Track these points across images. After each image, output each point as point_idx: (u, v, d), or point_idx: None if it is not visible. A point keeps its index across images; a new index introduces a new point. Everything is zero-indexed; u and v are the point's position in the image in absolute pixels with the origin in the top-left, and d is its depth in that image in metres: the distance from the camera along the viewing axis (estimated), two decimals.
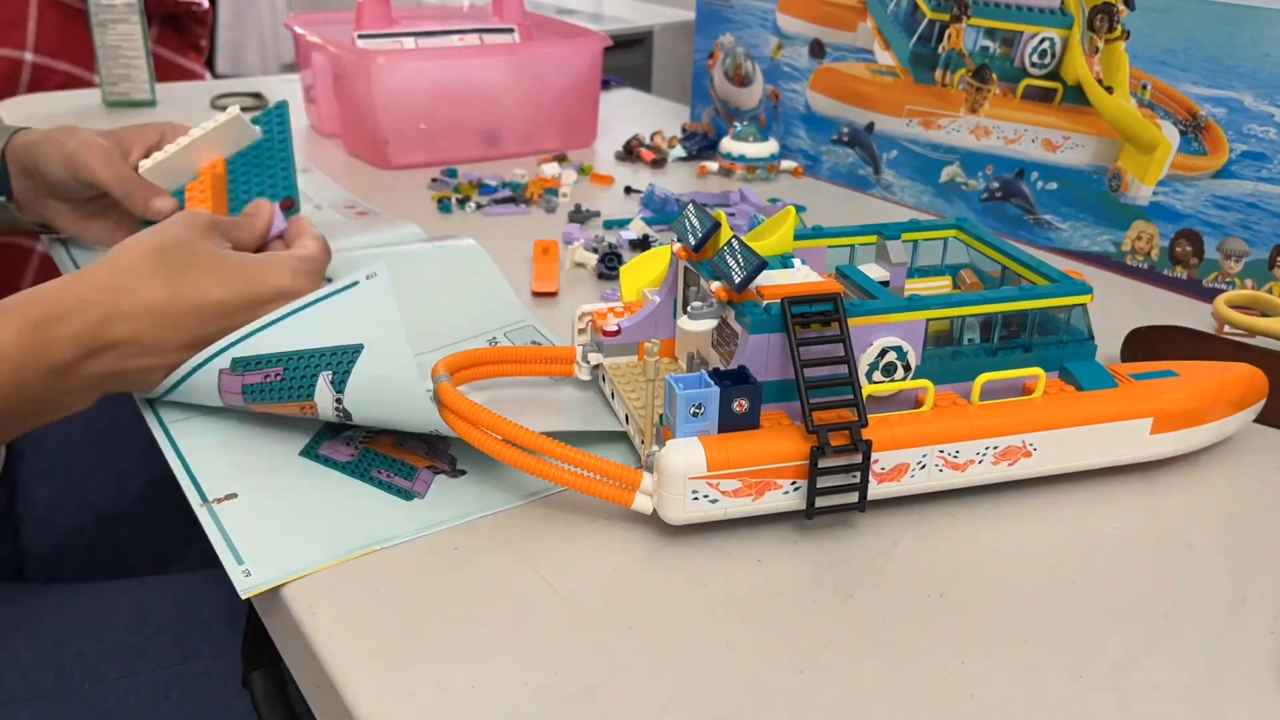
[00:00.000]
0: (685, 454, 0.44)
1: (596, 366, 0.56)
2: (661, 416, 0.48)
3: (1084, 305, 0.52)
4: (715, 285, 0.49)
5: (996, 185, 0.88)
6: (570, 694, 0.38)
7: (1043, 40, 0.83)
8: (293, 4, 3.42)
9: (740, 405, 0.45)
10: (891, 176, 0.97)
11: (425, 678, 0.39)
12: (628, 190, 0.98)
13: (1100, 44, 0.79)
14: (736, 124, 1.05)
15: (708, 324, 0.50)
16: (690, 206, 0.53)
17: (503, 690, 0.38)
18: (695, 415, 0.45)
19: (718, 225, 0.51)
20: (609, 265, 0.76)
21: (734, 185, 1.01)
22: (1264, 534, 0.49)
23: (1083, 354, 0.53)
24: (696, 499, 0.45)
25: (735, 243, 0.49)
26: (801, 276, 0.50)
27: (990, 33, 0.86)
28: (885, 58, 0.95)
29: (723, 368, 0.49)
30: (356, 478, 0.51)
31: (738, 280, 0.47)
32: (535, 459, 0.46)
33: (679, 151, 1.08)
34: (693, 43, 1.15)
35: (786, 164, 1.04)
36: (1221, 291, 0.74)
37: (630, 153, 1.07)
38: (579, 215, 0.88)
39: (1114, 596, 0.44)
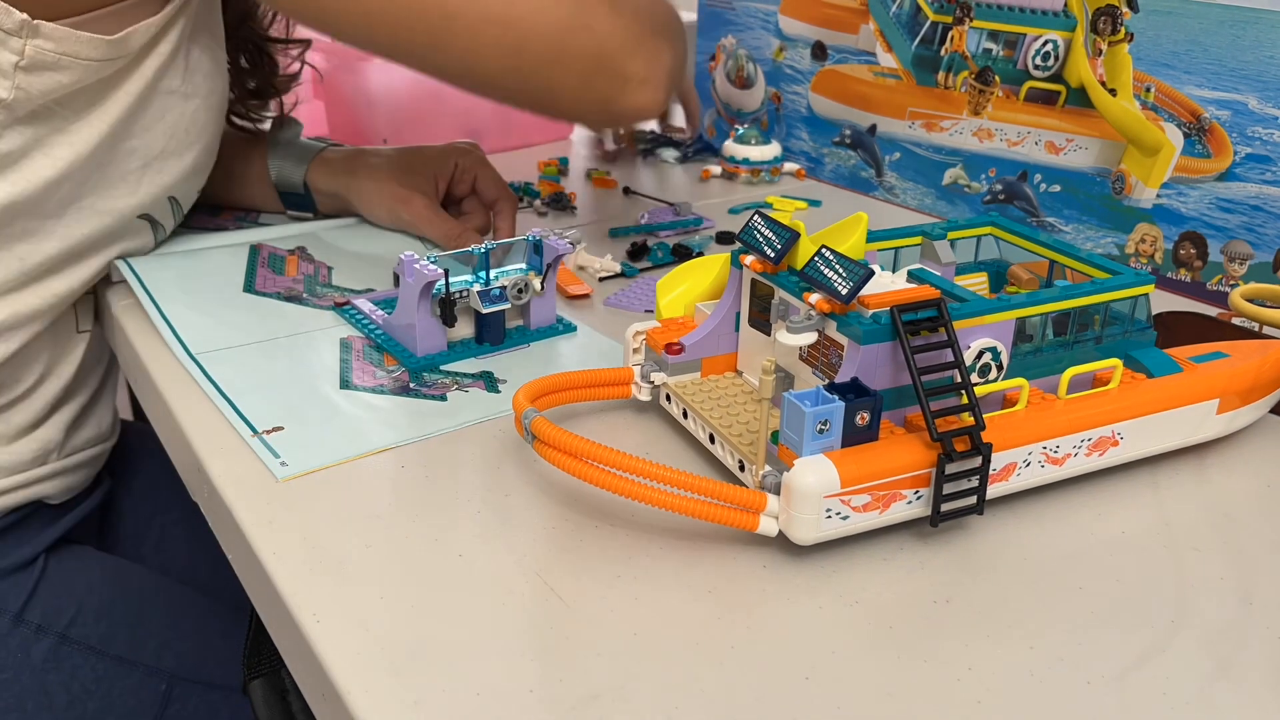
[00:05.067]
0: (818, 472, 0.43)
1: (658, 386, 0.55)
2: (774, 435, 0.46)
3: (1147, 295, 0.53)
4: (816, 297, 0.48)
5: (999, 188, 0.88)
6: (575, 701, 0.38)
7: (1046, 42, 0.83)
8: None
9: (863, 418, 0.44)
10: (894, 179, 0.97)
11: (430, 684, 0.39)
12: (627, 191, 0.97)
13: (1104, 46, 0.79)
14: (738, 127, 1.05)
15: (809, 337, 0.48)
16: (758, 218, 0.52)
17: (508, 697, 0.38)
18: (822, 432, 0.44)
19: (797, 236, 0.50)
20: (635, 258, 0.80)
21: (738, 189, 1.01)
22: (1270, 538, 0.49)
23: (1144, 341, 0.54)
24: (830, 517, 0.44)
25: (829, 253, 0.48)
26: (887, 283, 0.49)
27: (993, 35, 0.86)
28: (888, 60, 0.95)
29: (820, 381, 0.49)
30: (391, 394, 0.58)
31: (845, 291, 0.46)
32: (646, 486, 0.44)
33: (673, 153, 1.08)
34: (694, 44, 1.15)
35: (789, 166, 1.04)
36: (1225, 294, 0.73)
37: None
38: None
39: (1120, 600, 0.44)
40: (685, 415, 0.53)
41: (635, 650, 0.41)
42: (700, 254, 0.82)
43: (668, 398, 0.55)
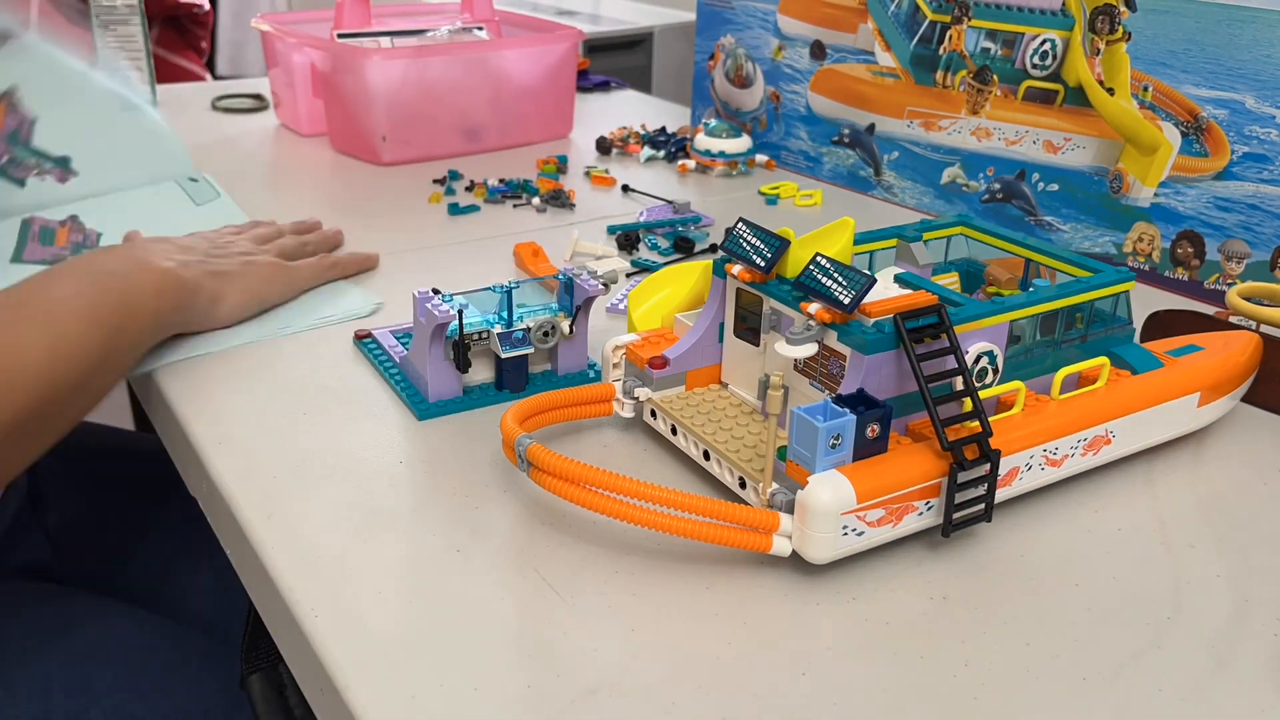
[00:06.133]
0: (833, 489, 0.42)
1: (643, 403, 0.53)
2: (781, 451, 0.45)
3: (1128, 292, 0.54)
4: (815, 307, 0.46)
5: (998, 187, 0.88)
6: (573, 696, 0.38)
7: (1044, 42, 0.83)
8: (294, 6, 3.42)
9: (873, 430, 0.43)
10: (892, 178, 0.97)
11: (427, 679, 0.39)
12: (625, 189, 0.98)
13: (1101, 45, 0.79)
14: (706, 121, 1.05)
15: (809, 349, 0.47)
16: (743, 226, 0.51)
17: (505, 692, 0.38)
18: (834, 447, 0.43)
19: (787, 244, 0.49)
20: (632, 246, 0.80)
21: (713, 182, 1.01)
22: (1266, 535, 0.49)
23: (1125, 338, 0.55)
24: (846, 534, 0.43)
25: (824, 260, 0.47)
26: (879, 289, 0.48)
27: (991, 34, 0.86)
28: (886, 59, 0.95)
29: (819, 392, 0.48)
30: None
31: (847, 301, 0.45)
32: (652, 512, 0.43)
33: (648, 152, 1.09)
34: (693, 44, 1.15)
35: (760, 158, 1.06)
36: (1223, 293, 0.74)
37: (607, 152, 1.10)
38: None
39: (1116, 598, 0.44)
40: (674, 431, 0.52)
41: (632, 646, 0.41)
42: (718, 247, 0.82)
43: (653, 414, 0.53)
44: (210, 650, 0.70)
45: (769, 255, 0.49)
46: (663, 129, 1.16)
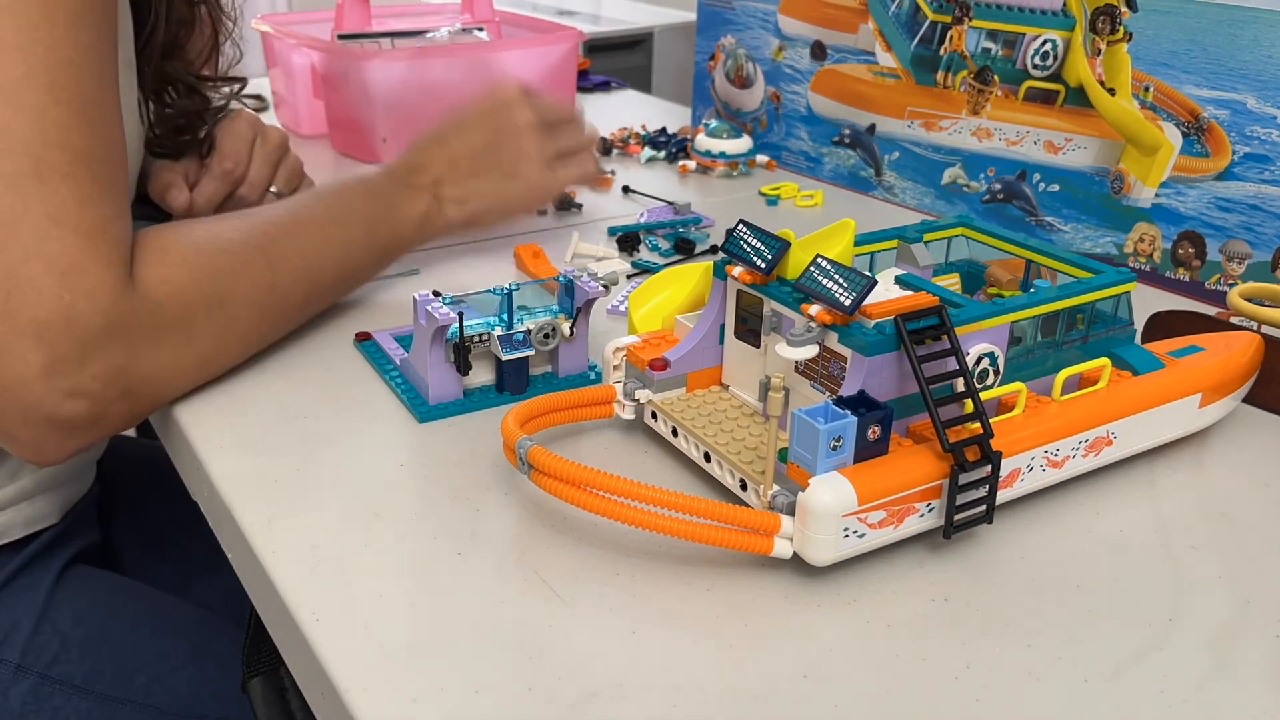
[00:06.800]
0: (834, 491, 0.42)
1: (643, 404, 0.54)
2: (782, 453, 0.45)
3: (1129, 292, 0.54)
4: (816, 309, 0.47)
5: (998, 187, 0.88)
6: (574, 699, 0.38)
7: (1045, 42, 0.83)
8: (294, 6, 3.42)
9: (874, 432, 0.43)
10: (893, 178, 0.97)
11: (429, 682, 0.39)
12: (626, 190, 0.98)
13: (1102, 46, 0.79)
14: (707, 122, 1.05)
15: (809, 350, 0.47)
16: (743, 227, 0.51)
17: (506, 695, 0.38)
18: (835, 449, 0.43)
19: (788, 246, 0.49)
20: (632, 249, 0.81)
21: (713, 183, 1.01)
22: (1267, 537, 0.49)
23: (1126, 339, 0.55)
24: (847, 536, 0.43)
25: (825, 262, 0.47)
26: (880, 290, 0.48)
27: (992, 34, 0.86)
28: (887, 59, 0.95)
29: (820, 394, 0.48)
30: None
31: (848, 302, 0.45)
32: (653, 514, 0.43)
33: (649, 152, 1.09)
34: (693, 44, 1.15)
35: (760, 159, 1.06)
36: (1224, 293, 0.74)
37: (607, 153, 1.10)
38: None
39: (1118, 599, 0.44)
40: (675, 433, 0.52)
41: (634, 648, 0.41)
42: (718, 249, 0.82)
43: (654, 415, 0.53)
44: (236, 635, 0.72)
45: (769, 257, 0.50)
46: (663, 129, 1.16)
